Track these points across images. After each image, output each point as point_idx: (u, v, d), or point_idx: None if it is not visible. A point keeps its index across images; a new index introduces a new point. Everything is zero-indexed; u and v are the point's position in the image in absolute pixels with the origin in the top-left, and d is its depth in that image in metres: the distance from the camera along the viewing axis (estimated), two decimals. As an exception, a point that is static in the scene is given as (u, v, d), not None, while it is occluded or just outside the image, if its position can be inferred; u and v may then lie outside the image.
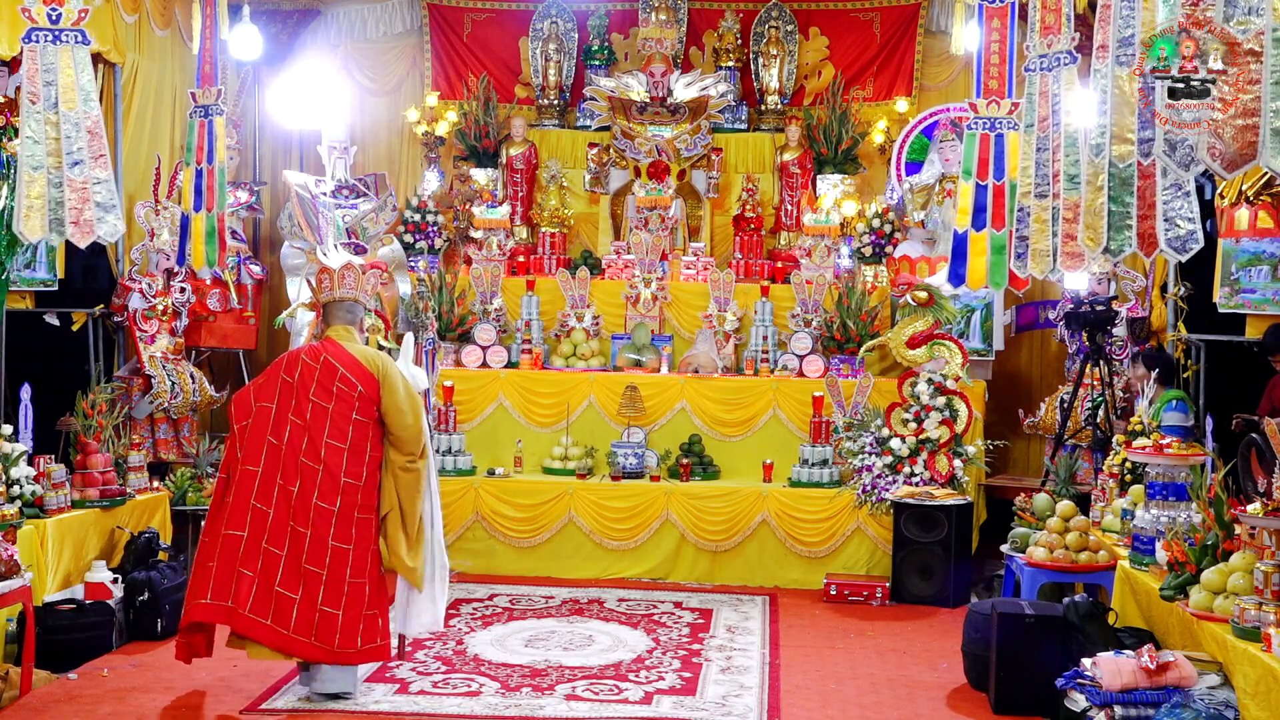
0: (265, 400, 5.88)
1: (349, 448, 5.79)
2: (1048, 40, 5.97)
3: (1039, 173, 5.91)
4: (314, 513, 5.69)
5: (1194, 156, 4.53)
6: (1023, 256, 6.04)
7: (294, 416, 5.81)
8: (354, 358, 5.91)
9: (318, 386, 5.84)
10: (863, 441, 8.70)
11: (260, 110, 10.89)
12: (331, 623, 5.64)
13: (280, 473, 5.74)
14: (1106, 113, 5.07)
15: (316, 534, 5.68)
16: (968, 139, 7.01)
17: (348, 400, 5.82)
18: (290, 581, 5.65)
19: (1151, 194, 4.95)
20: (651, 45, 10.57)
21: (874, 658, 6.80)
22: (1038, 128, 5.94)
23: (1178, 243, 4.93)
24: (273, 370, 6.01)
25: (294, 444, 5.77)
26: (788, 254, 10.34)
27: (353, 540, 5.74)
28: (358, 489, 5.78)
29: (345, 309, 6.14)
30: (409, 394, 5.92)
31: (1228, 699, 4.67)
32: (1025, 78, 6.05)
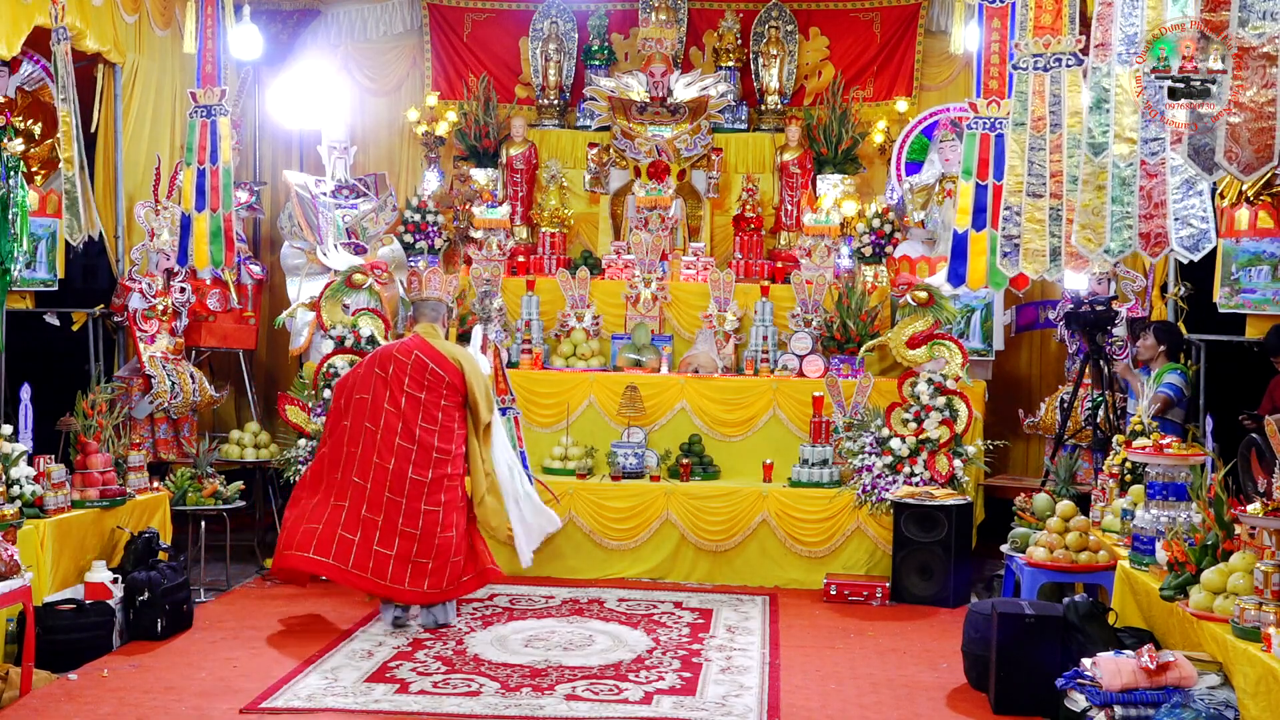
0: (363, 391, 7.11)
1: (439, 428, 7.06)
2: (1044, 40, 5.96)
3: (1032, 171, 5.90)
4: (409, 483, 6.97)
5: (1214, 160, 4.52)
6: (1010, 255, 6.03)
7: (389, 405, 7.03)
8: (441, 354, 7.14)
9: (410, 380, 7.06)
10: (863, 441, 8.70)
11: (260, 110, 10.88)
12: (422, 570, 6.96)
13: (377, 452, 7.00)
14: (1108, 111, 5.07)
15: (410, 500, 6.96)
16: (968, 139, 7.01)
17: (437, 390, 7.08)
18: (387, 541, 6.94)
19: (1159, 193, 4.94)
20: (651, 45, 10.57)
21: (874, 658, 6.80)
22: (1031, 126, 5.92)
23: (1190, 242, 4.92)
24: (368, 364, 7.21)
25: (390, 427, 7.01)
26: (788, 254, 10.34)
27: (441, 504, 7.03)
28: (447, 461, 7.06)
29: (430, 307, 7.41)
30: (485, 380, 7.24)
31: (1228, 699, 4.67)
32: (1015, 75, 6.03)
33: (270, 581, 8.44)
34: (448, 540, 7.02)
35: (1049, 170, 5.86)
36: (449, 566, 7.04)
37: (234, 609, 7.68)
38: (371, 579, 6.95)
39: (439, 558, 7.00)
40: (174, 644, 6.83)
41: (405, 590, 6.97)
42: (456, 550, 7.06)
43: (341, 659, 6.55)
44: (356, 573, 6.94)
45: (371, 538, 6.95)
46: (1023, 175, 5.95)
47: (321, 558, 6.93)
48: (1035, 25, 5.99)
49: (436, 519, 7.00)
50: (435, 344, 7.19)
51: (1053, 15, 6.00)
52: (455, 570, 7.08)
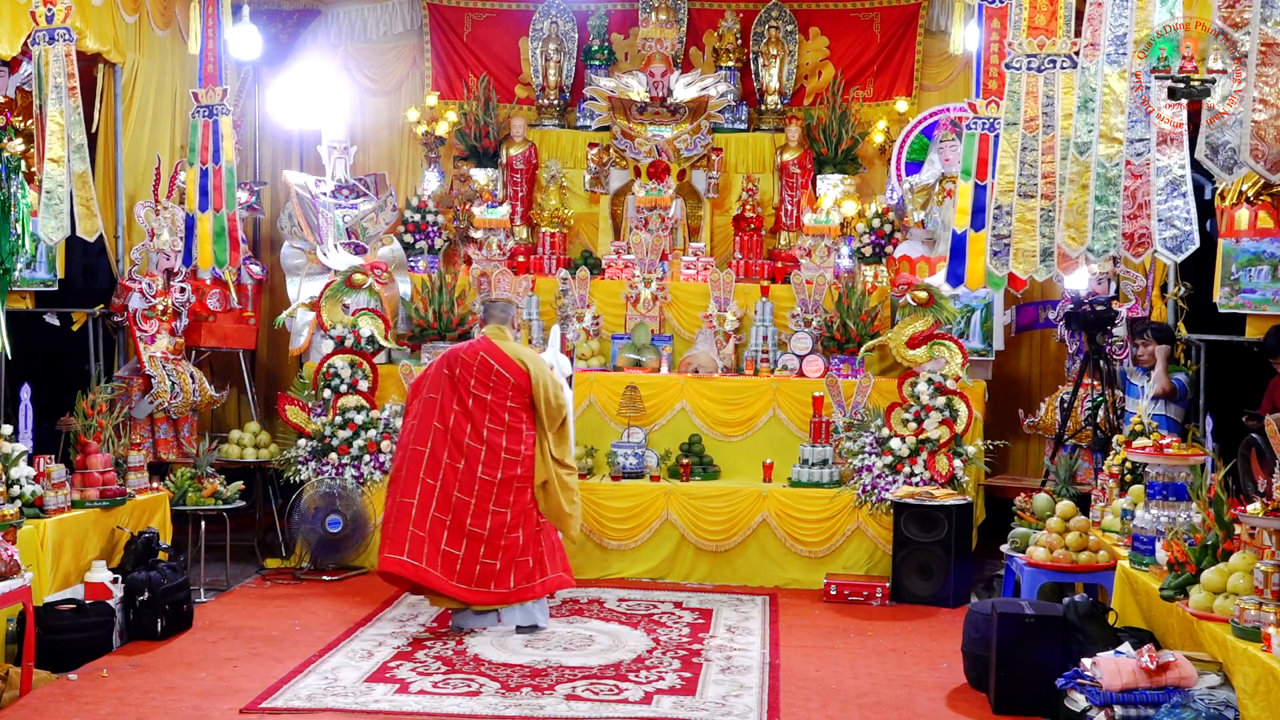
0: (433, 392, 7.13)
1: (506, 429, 7.04)
2: (1038, 41, 5.95)
3: (1024, 172, 5.90)
4: (477, 484, 6.97)
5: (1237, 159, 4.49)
6: (1000, 254, 6.03)
7: (457, 406, 7.06)
8: (507, 356, 7.11)
9: (477, 381, 7.06)
10: (863, 441, 8.70)
11: (260, 110, 10.88)
12: (490, 572, 6.95)
13: (447, 452, 7.01)
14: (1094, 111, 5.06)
15: (479, 501, 6.96)
16: (967, 139, 7.01)
17: (503, 392, 7.06)
18: (455, 540, 6.94)
19: (1143, 194, 4.94)
20: (651, 45, 10.57)
21: (874, 658, 6.80)
22: (1023, 126, 5.92)
23: (1174, 243, 4.92)
24: (438, 365, 7.22)
25: (459, 428, 7.03)
26: (788, 254, 10.34)
27: (509, 505, 7.00)
28: (516, 462, 7.02)
29: (499, 309, 7.37)
30: (552, 382, 7.17)
31: (1228, 699, 4.67)
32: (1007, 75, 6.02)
33: (269, 582, 8.45)
34: (514, 541, 6.98)
35: (1041, 171, 5.85)
36: (515, 567, 6.99)
37: (234, 609, 7.68)
38: (441, 578, 6.92)
39: (505, 558, 6.97)
40: (174, 644, 6.83)
41: (473, 591, 6.95)
42: (523, 551, 7.01)
43: (341, 659, 6.55)
44: (429, 570, 6.90)
45: (440, 537, 6.94)
46: (1014, 175, 5.94)
47: (396, 555, 6.92)
48: (1030, 26, 5.98)
49: (504, 520, 6.97)
50: (502, 345, 7.15)
51: (1047, 16, 5.99)
52: (523, 571, 7.02)
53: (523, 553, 7.02)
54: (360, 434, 8.84)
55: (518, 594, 7.02)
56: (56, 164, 6.82)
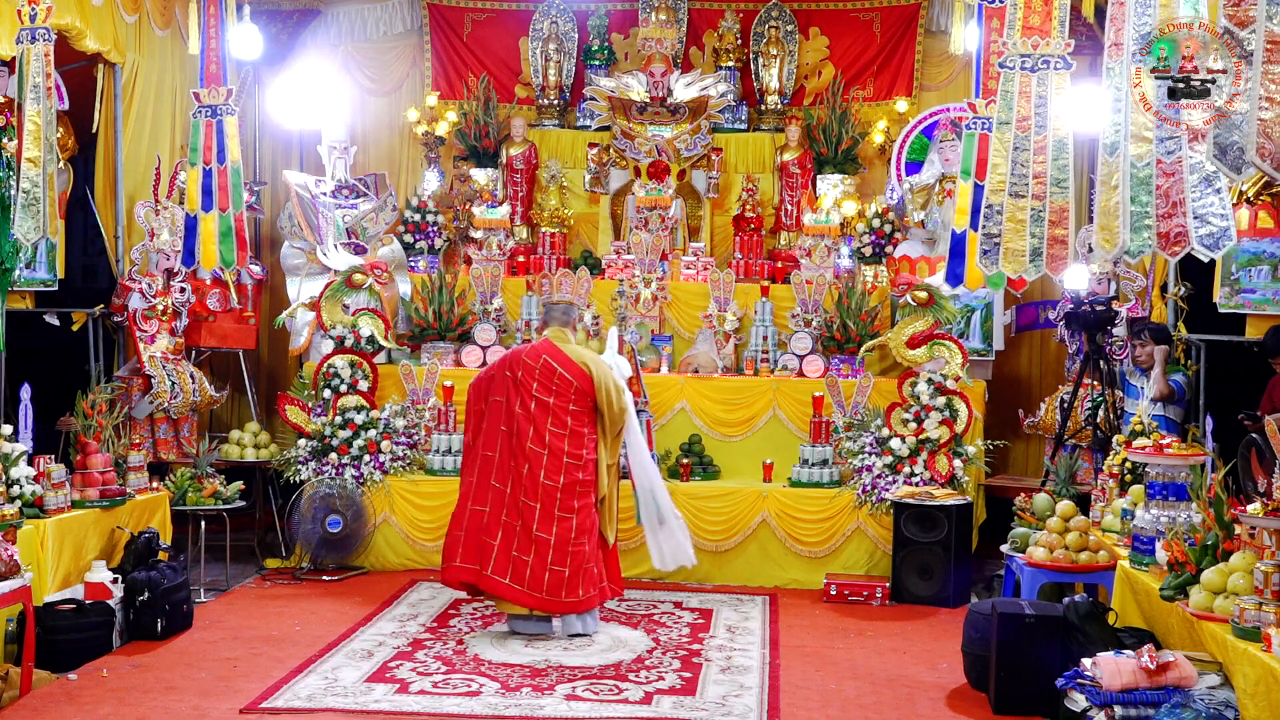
0: (497, 394, 7.06)
1: (569, 433, 6.94)
2: (1032, 40, 5.94)
3: (1015, 172, 5.89)
4: (541, 489, 6.87)
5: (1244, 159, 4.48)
6: (989, 254, 6.02)
7: (520, 409, 6.96)
8: (569, 358, 7.02)
9: (539, 384, 6.97)
10: (863, 441, 8.70)
11: (260, 110, 10.88)
12: (559, 579, 6.83)
13: (512, 456, 6.94)
14: (1122, 111, 5.04)
15: (544, 506, 6.86)
16: (967, 139, 7.02)
17: (565, 395, 6.96)
18: (524, 546, 6.85)
19: (1176, 192, 4.91)
20: (651, 45, 10.57)
21: (874, 658, 6.80)
22: (1016, 126, 5.91)
23: (1210, 240, 4.90)
24: (499, 367, 7.15)
25: (522, 432, 6.93)
26: (788, 254, 10.34)
27: (575, 510, 6.90)
28: (578, 467, 6.93)
29: (561, 311, 7.28)
30: (615, 385, 7.05)
31: (1228, 699, 4.67)
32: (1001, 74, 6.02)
33: (269, 582, 8.45)
34: (581, 549, 6.89)
35: (1032, 171, 5.84)
36: (584, 575, 6.90)
37: (234, 609, 7.68)
38: (509, 584, 6.85)
39: (574, 565, 6.86)
40: (174, 644, 6.83)
41: (543, 599, 6.85)
42: (589, 558, 6.94)
43: (341, 659, 6.55)
44: (496, 578, 6.86)
45: (511, 543, 6.88)
46: (1005, 175, 5.94)
47: (469, 565, 6.92)
48: (1024, 26, 5.97)
49: (570, 526, 6.88)
50: (564, 348, 7.06)
51: (1042, 17, 5.98)
52: (591, 579, 6.95)
53: (589, 559, 6.94)
54: (360, 434, 8.84)
55: (585, 603, 6.93)
56: (33, 164, 6.80)
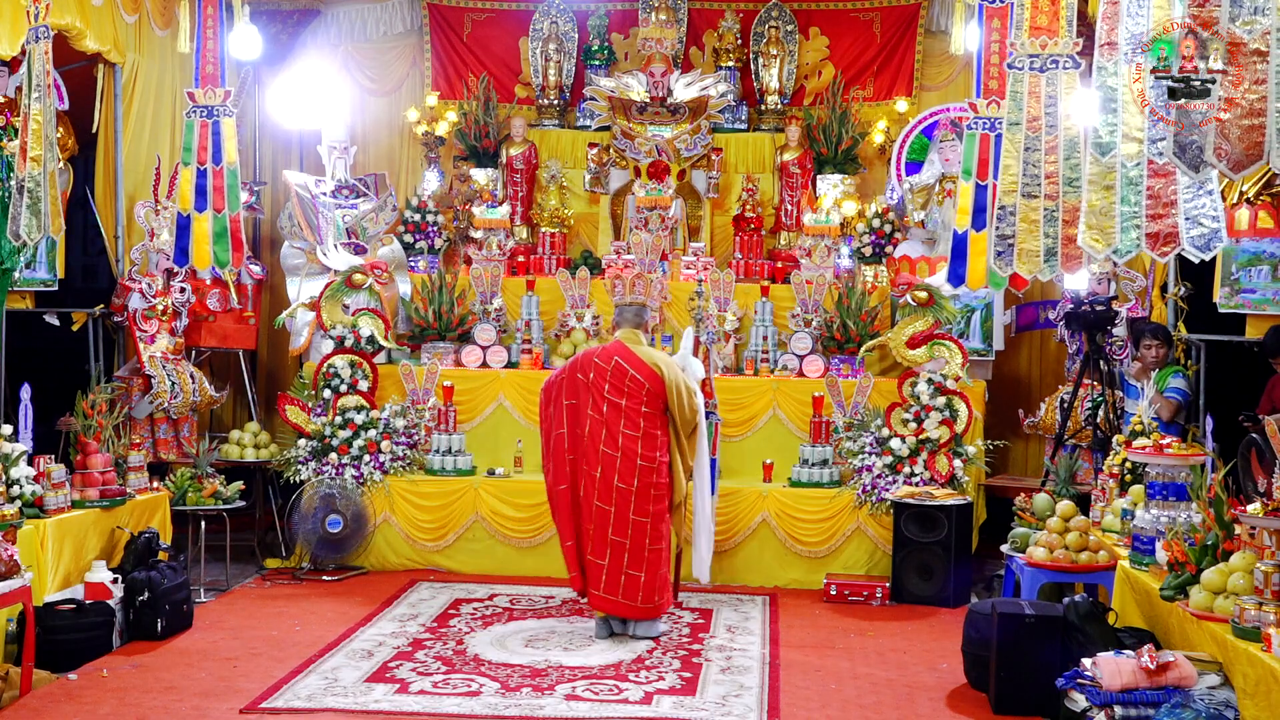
0: (570, 397, 7.00)
1: (641, 435, 6.88)
2: (1040, 40, 5.95)
3: (1027, 172, 5.89)
4: (616, 492, 6.83)
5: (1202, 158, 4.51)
6: (1003, 255, 6.02)
7: (592, 411, 6.92)
8: (641, 360, 6.96)
9: (611, 386, 6.91)
10: (863, 441, 8.70)
11: (260, 110, 10.88)
12: (635, 583, 6.82)
13: (585, 459, 6.91)
14: (1115, 111, 5.05)
15: (619, 510, 6.83)
16: (967, 139, 7.01)
17: (637, 396, 6.90)
18: (599, 550, 6.84)
19: (1169, 193, 4.93)
20: (651, 45, 10.57)
21: (874, 658, 6.80)
22: (1026, 127, 5.92)
23: (1201, 241, 4.91)
24: (570, 369, 7.07)
25: (594, 434, 6.89)
26: (788, 254, 10.34)
27: (649, 514, 6.86)
28: (652, 470, 6.88)
29: (633, 312, 7.23)
30: (686, 387, 6.99)
31: (1228, 699, 4.67)
32: (1010, 75, 6.02)
33: (269, 582, 8.45)
34: (657, 553, 6.87)
35: (1044, 171, 5.85)
36: (659, 579, 6.89)
37: (234, 609, 7.68)
38: (587, 588, 6.91)
39: (650, 570, 6.85)
40: (174, 644, 6.83)
41: (620, 603, 6.85)
42: (664, 564, 6.94)
43: (341, 659, 6.55)
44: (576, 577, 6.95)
45: (585, 546, 6.90)
46: (1017, 176, 5.94)
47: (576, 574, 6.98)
48: (1031, 26, 5.98)
49: (645, 530, 6.84)
50: (635, 349, 7.01)
51: (1049, 16, 5.98)
52: (664, 584, 6.95)
53: (663, 565, 6.93)
54: (360, 434, 8.84)
55: (659, 609, 6.93)
56: (36, 163, 6.81)
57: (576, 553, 6.98)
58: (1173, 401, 7.70)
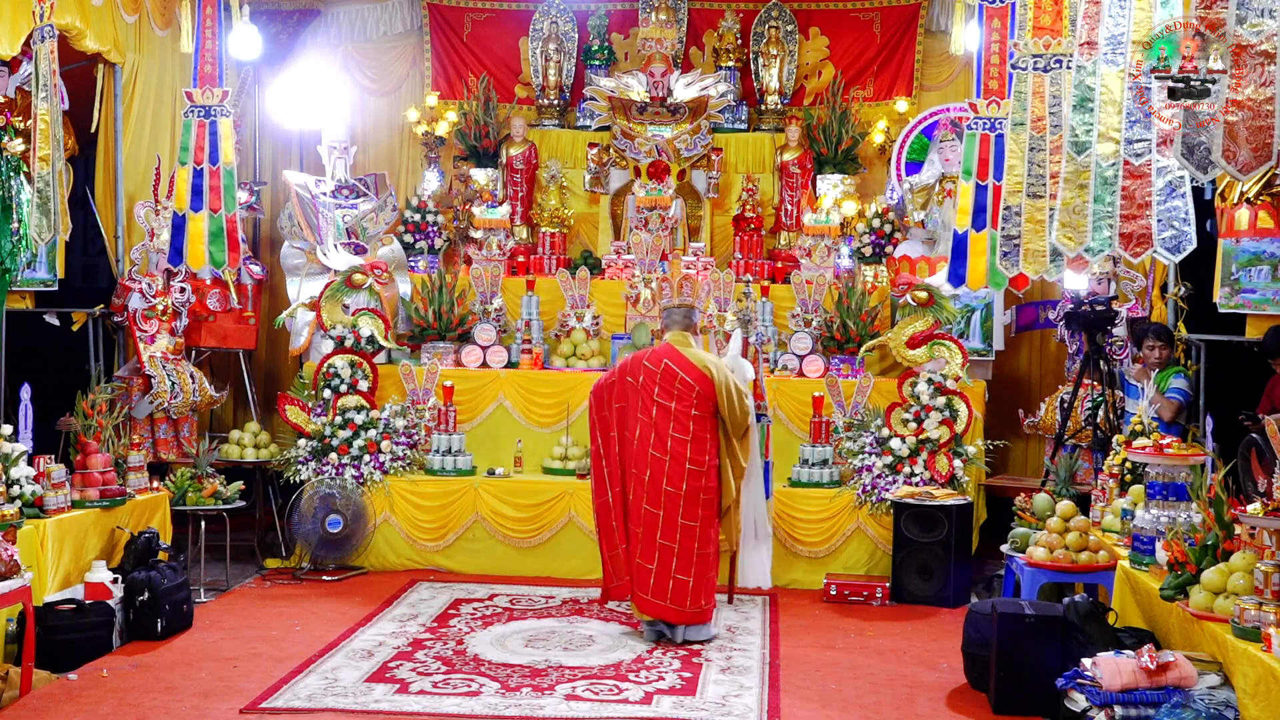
0: (620, 400, 6.95)
1: (691, 439, 6.79)
2: (1043, 41, 5.96)
3: (1032, 172, 5.90)
4: (664, 496, 6.76)
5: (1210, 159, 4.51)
6: (1009, 255, 6.03)
7: (641, 415, 6.85)
8: (690, 362, 6.88)
9: (660, 389, 6.83)
10: (863, 441, 8.70)
11: (260, 110, 10.88)
12: (684, 588, 6.76)
13: (634, 463, 6.84)
14: (1091, 110, 5.07)
15: (668, 513, 6.76)
16: (968, 139, 7.01)
17: (687, 399, 6.82)
18: (648, 554, 6.78)
19: (1142, 194, 4.95)
20: (651, 45, 10.57)
21: (874, 658, 6.80)
22: (1031, 127, 5.92)
23: (1172, 243, 4.94)
24: (619, 373, 7.03)
25: (643, 438, 6.82)
26: (788, 254, 10.34)
27: (698, 518, 6.79)
28: (701, 473, 6.80)
29: (681, 314, 7.14)
30: (736, 390, 6.89)
31: (1228, 699, 4.67)
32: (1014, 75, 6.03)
33: (269, 582, 8.45)
34: (705, 557, 6.82)
35: (1049, 171, 5.86)
36: (707, 583, 6.84)
37: (234, 609, 7.68)
38: (635, 592, 6.85)
39: (698, 575, 6.79)
40: (174, 644, 6.83)
41: (668, 608, 6.79)
42: (712, 568, 6.89)
43: (341, 659, 6.55)
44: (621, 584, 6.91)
45: (634, 550, 6.84)
46: (1022, 176, 5.95)
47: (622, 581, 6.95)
48: (1035, 26, 5.98)
49: (694, 534, 6.78)
50: (685, 352, 6.93)
51: (1052, 16, 6.00)
52: (711, 588, 6.90)
53: (711, 569, 6.89)
54: (360, 434, 8.84)
55: (706, 613, 6.88)
56: (45, 162, 6.83)
57: (622, 558, 6.90)
58: (1174, 402, 7.70)
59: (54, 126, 6.86)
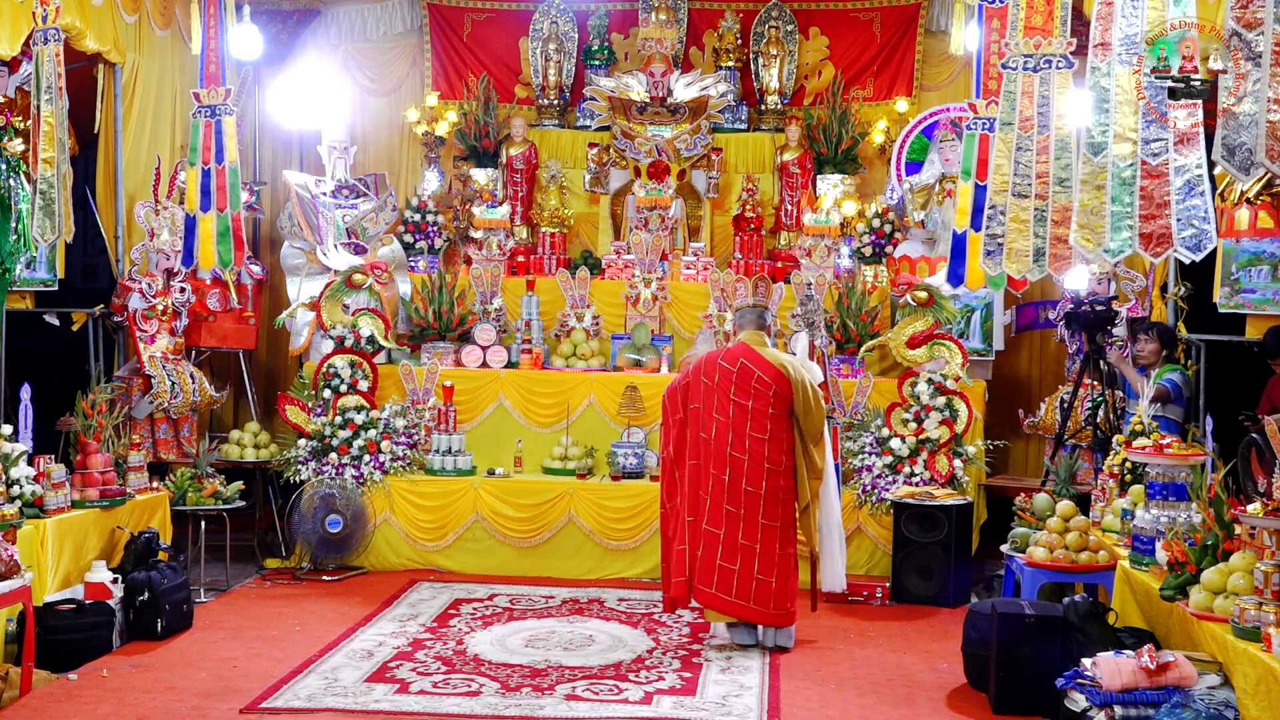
0: (695, 401, 6.86)
1: (769, 438, 6.72)
2: (1034, 41, 5.95)
3: (1018, 172, 5.90)
4: (744, 496, 6.70)
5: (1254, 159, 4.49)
6: (993, 254, 6.02)
7: (718, 414, 6.77)
8: (767, 361, 6.81)
9: (736, 388, 6.77)
10: (863, 441, 8.70)
11: (260, 110, 10.88)
12: (766, 588, 6.68)
13: (713, 463, 6.75)
14: (1107, 111, 5.06)
15: (748, 514, 6.70)
16: (967, 139, 7.01)
17: (764, 398, 6.75)
18: (729, 555, 6.70)
19: (1161, 194, 4.94)
20: (651, 45, 10.57)
21: (874, 658, 6.80)
22: (1018, 126, 5.92)
23: (1193, 242, 4.93)
24: (694, 373, 6.94)
25: (721, 438, 6.75)
26: (788, 254, 10.34)
27: (779, 518, 6.73)
28: (779, 473, 6.74)
29: (755, 315, 7.07)
30: (814, 389, 6.84)
31: (1228, 699, 4.67)
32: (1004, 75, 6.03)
33: (269, 582, 8.45)
34: (786, 558, 6.74)
35: (1035, 171, 5.85)
36: (790, 585, 6.75)
37: (234, 609, 7.68)
38: (716, 594, 6.71)
39: (781, 576, 6.71)
40: (174, 644, 6.83)
41: (751, 609, 6.71)
42: (793, 570, 6.80)
43: (341, 659, 6.55)
44: (703, 588, 6.73)
45: (715, 551, 6.72)
46: (1008, 175, 5.94)
47: (680, 578, 6.79)
48: (1026, 26, 5.98)
49: (775, 534, 6.71)
50: (761, 351, 6.86)
51: (1044, 16, 5.99)
52: (794, 591, 6.79)
53: (793, 571, 6.79)
54: (360, 434, 8.84)
55: (790, 615, 6.79)
56: (49, 164, 6.84)
57: (690, 562, 6.76)
58: (1162, 389, 7.71)
59: (58, 129, 6.86)
